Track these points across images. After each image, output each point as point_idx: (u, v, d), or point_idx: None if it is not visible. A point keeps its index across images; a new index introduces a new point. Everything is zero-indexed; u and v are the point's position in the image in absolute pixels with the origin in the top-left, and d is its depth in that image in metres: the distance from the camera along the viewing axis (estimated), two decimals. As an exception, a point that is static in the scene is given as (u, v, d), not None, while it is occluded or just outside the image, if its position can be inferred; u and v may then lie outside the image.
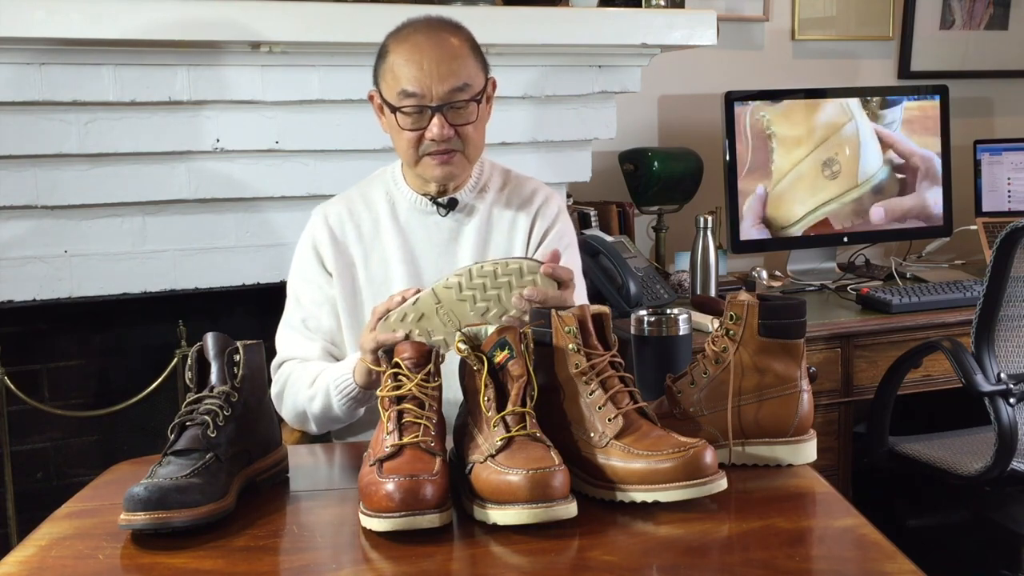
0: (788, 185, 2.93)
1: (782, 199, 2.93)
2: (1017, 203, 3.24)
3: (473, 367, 1.22)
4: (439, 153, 1.67)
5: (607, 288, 2.48)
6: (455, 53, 1.64)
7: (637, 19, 2.53)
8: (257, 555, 1.11)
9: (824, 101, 2.96)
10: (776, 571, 1.03)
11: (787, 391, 1.31)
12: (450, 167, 1.69)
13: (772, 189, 2.90)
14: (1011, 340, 2.22)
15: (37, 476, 2.48)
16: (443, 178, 1.71)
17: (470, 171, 1.76)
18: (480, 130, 1.70)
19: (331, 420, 1.69)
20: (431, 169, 1.69)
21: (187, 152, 2.27)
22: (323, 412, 1.66)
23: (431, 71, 1.62)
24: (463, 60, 1.65)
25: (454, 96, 1.63)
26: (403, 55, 1.65)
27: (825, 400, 2.46)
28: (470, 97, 1.64)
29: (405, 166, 1.77)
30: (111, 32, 2.08)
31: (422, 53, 1.63)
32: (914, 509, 2.68)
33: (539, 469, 1.10)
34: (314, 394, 1.66)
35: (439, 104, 1.63)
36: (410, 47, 1.65)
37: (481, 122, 1.70)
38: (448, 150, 1.67)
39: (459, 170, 1.71)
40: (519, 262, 1.45)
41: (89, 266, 2.25)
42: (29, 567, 1.10)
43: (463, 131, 1.66)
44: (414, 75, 1.63)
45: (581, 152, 2.64)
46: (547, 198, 1.86)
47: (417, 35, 1.66)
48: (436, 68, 1.62)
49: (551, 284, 1.44)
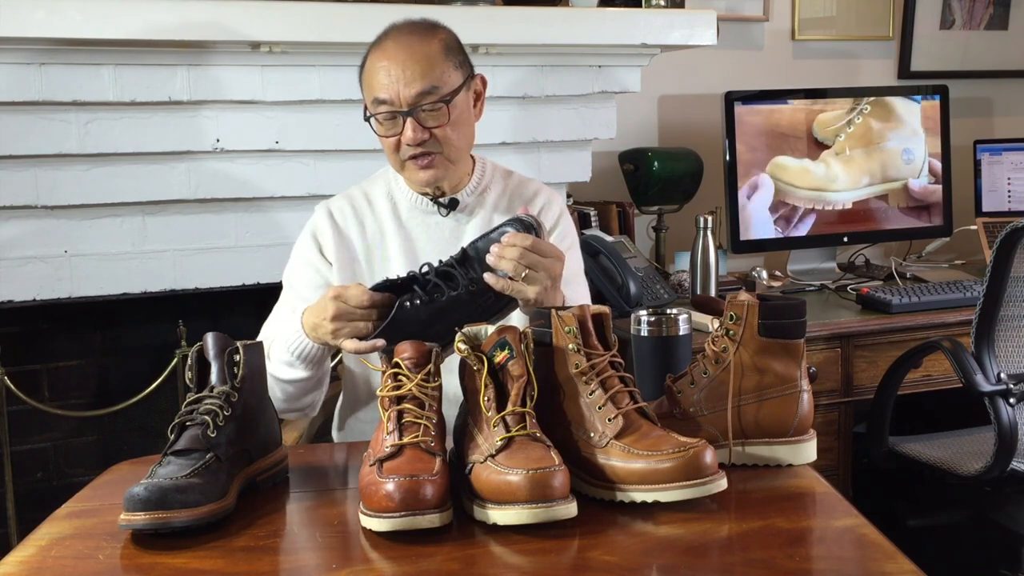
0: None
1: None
2: (1017, 203, 3.25)
3: (473, 367, 1.22)
4: (418, 157, 1.68)
5: (607, 288, 2.48)
6: (422, 56, 1.65)
7: (637, 19, 2.53)
8: (257, 555, 1.11)
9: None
10: (776, 571, 1.03)
11: (787, 391, 1.31)
12: (432, 171, 1.70)
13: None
14: (1011, 340, 2.22)
15: (37, 476, 2.48)
16: (427, 182, 1.72)
17: (458, 171, 1.76)
18: (460, 129, 1.70)
19: (300, 387, 1.67)
20: (414, 174, 1.71)
21: (187, 152, 2.27)
22: (291, 380, 1.65)
23: (398, 76, 1.64)
24: (431, 62, 1.65)
25: (422, 100, 1.64)
26: (375, 62, 1.68)
27: (825, 400, 2.46)
28: (439, 98, 1.65)
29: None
30: (111, 32, 2.08)
31: (390, 59, 1.66)
32: (914, 509, 2.68)
33: (539, 469, 1.10)
34: (275, 364, 1.65)
35: (409, 109, 1.64)
36: (380, 54, 1.68)
37: (460, 121, 1.70)
38: (426, 153, 1.68)
39: (442, 172, 1.72)
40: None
41: (89, 266, 2.25)
42: (29, 567, 1.10)
43: (438, 133, 1.67)
44: (383, 82, 1.65)
45: (581, 152, 2.64)
46: (549, 200, 1.86)
47: (388, 41, 1.69)
48: (402, 73, 1.64)
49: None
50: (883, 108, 3.02)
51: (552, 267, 1.52)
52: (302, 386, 1.68)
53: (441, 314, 1.46)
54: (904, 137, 3.05)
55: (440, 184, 1.74)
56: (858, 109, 2.99)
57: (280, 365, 1.65)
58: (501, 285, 1.49)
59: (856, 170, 2.99)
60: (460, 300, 1.49)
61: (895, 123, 3.04)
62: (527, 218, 1.52)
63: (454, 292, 1.49)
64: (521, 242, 1.49)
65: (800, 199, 2.95)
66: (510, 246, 1.49)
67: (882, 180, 3.03)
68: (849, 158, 2.99)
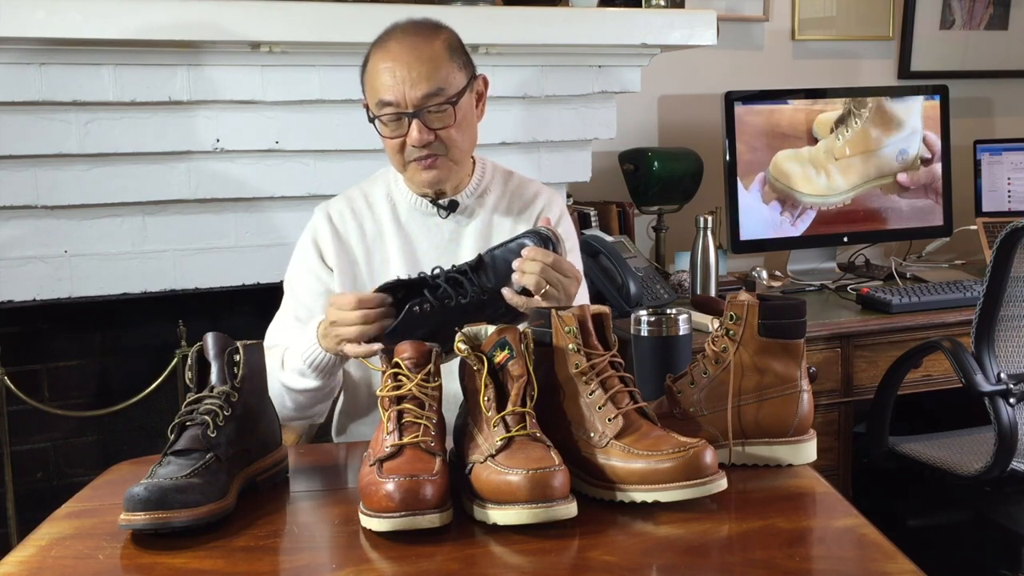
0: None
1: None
2: (1017, 203, 3.25)
3: (473, 367, 1.22)
4: (422, 158, 1.68)
5: (607, 288, 2.48)
6: (428, 57, 1.64)
7: (637, 19, 2.53)
8: (257, 555, 1.11)
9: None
10: (776, 571, 1.03)
11: (787, 391, 1.31)
12: (435, 171, 1.69)
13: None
14: (1011, 340, 2.22)
15: (37, 476, 2.48)
16: (430, 183, 1.71)
17: (460, 172, 1.75)
18: (464, 131, 1.70)
19: (311, 397, 1.68)
20: (417, 175, 1.71)
21: (187, 152, 2.27)
22: (302, 390, 1.65)
23: (404, 78, 1.63)
24: (437, 64, 1.65)
25: (429, 101, 1.64)
26: (378, 63, 1.67)
27: (825, 400, 2.46)
28: (445, 100, 1.64)
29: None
30: (111, 32, 2.08)
31: (395, 60, 1.64)
32: (914, 509, 2.68)
33: (539, 469, 1.10)
34: (287, 374, 1.65)
35: (415, 111, 1.63)
36: (384, 55, 1.67)
37: (465, 123, 1.69)
38: (430, 155, 1.67)
39: (445, 174, 1.71)
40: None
41: (89, 266, 2.25)
42: (29, 567, 1.10)
43: (443, 135, 1.66)
44: (388, 83, 1.64)
45: (581, 152, 2.64)
46: (549, 201, 1.86)
47: (391, 42, 1.68)
48: (408, 75, 1.63)
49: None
50: (882, 114, 3.02)
51: (569, 287, 1.51)
52: (313, 396, 1.68)
53: (449, 320, 1.42)
54: (900, 139, 3.04)
55: (442, 185, 1.74)
56: (857, 114, 2.98)
57: (293, 375, 1.65)
58: (517, 301, 1.48)
59: (854, 175, 2.99)
60: (470, 308, 1.46)
61: (894, 128, 3.03)
62: (546, 231, 1.50)
63: (464, 299, 1.46)
64: (543, 258, 1.47)
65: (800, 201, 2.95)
66: (532, 260, 1.47)
67: (877, 177, 3.03)
68: (848, 165, 2.98)
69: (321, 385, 1.65)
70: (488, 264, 1.49)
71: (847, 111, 2.98)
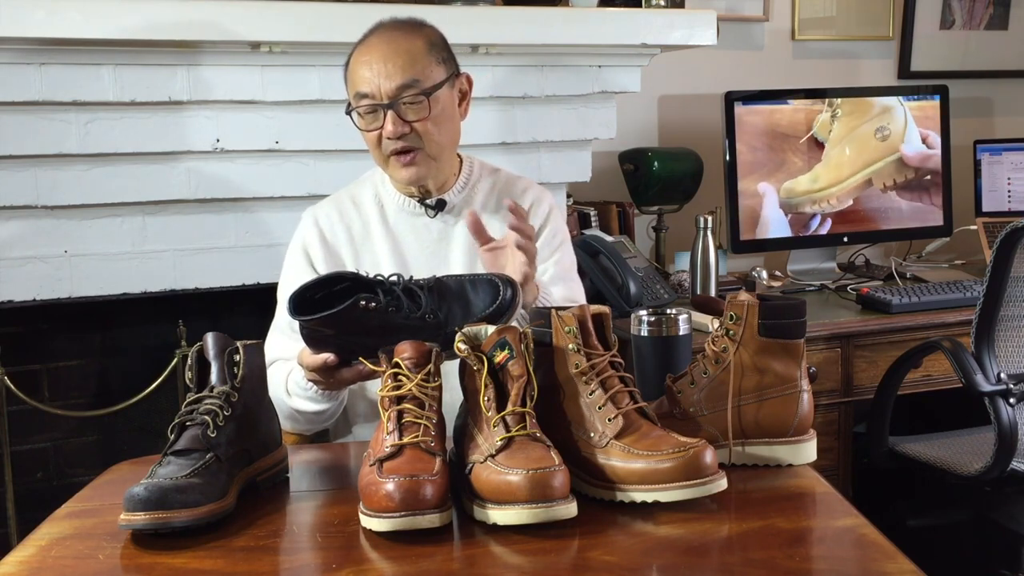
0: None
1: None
2: (1017, 203, 3.25)
3: (473, 367, 1.22)
4: (400, 153, 1.68)
5: (607, 288, 2.48)
6: (405, 51, 1.66)
7: (637, 19, 2.53)
8: (257, 555, 1.11)
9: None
10: (776, 571, 1.03)
11: (787, 391, 1.31)
12: (414, 168, 1.70)
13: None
14: (1011, 340, 2.22)
15: (37, 476, 2.48)
16: (410, 180, 1.72)
17: (443, 170, 1.75)
18: (441, 125, 1.70)
19: (317, 416, 1.67)
20: (397, 171, 1.72)
21: (187, 152, 2.27)
22: (306, 409, 1.65)
23: (379, 70, 1.65)
24: (413, 57, 1.66)
25: (403, 92, 1.65)
26: (358, 57, 1.69)
27: (825, 400, 2.46)
28: (420, 91, 1.65)
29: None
30: (111, 32, 2.08)
31: (372, 54, 1.67)
32: (914, 509, 2.68)
33: (539, 469, 1.10)
34: (291, 394, 1.65)
35: (390, 102, 1.65)
36: (363, 49, 1.69)
37: (443, 117, 1.69)
38: (408, 149, 1.68)
39: (424, 170, 1.71)
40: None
41: (89, 266, 2.25)
42: (29, 567, 1.10)
43: (419, 127, 1.67)
44: (365, 76, 1.66)
45: (581, 152, 2.63)
46: (538, 197, 1.85)
47: (372, 37, 1.70)
48: (384, 67, 1.65)
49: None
50: (859, 105, 3.01)
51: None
52: (322, 415, 1.68)
53: (387, 331, 1.33)
54: (901, 139, 3.04)
55: (424, 183, 1.74)
56: (834, 111, 2.98)
57: (302, 400, 1.64)
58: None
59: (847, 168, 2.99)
60: (410, 327, 1.35)
61: (872, 116, 3.02)
62: (504, 279, 1.40)
63: (412, 314, 1.36)
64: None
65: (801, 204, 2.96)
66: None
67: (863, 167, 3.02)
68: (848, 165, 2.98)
69: (330, 406, 1.65)
70: (446, 288, 1.39)
71: (847, 111, 2.98)
